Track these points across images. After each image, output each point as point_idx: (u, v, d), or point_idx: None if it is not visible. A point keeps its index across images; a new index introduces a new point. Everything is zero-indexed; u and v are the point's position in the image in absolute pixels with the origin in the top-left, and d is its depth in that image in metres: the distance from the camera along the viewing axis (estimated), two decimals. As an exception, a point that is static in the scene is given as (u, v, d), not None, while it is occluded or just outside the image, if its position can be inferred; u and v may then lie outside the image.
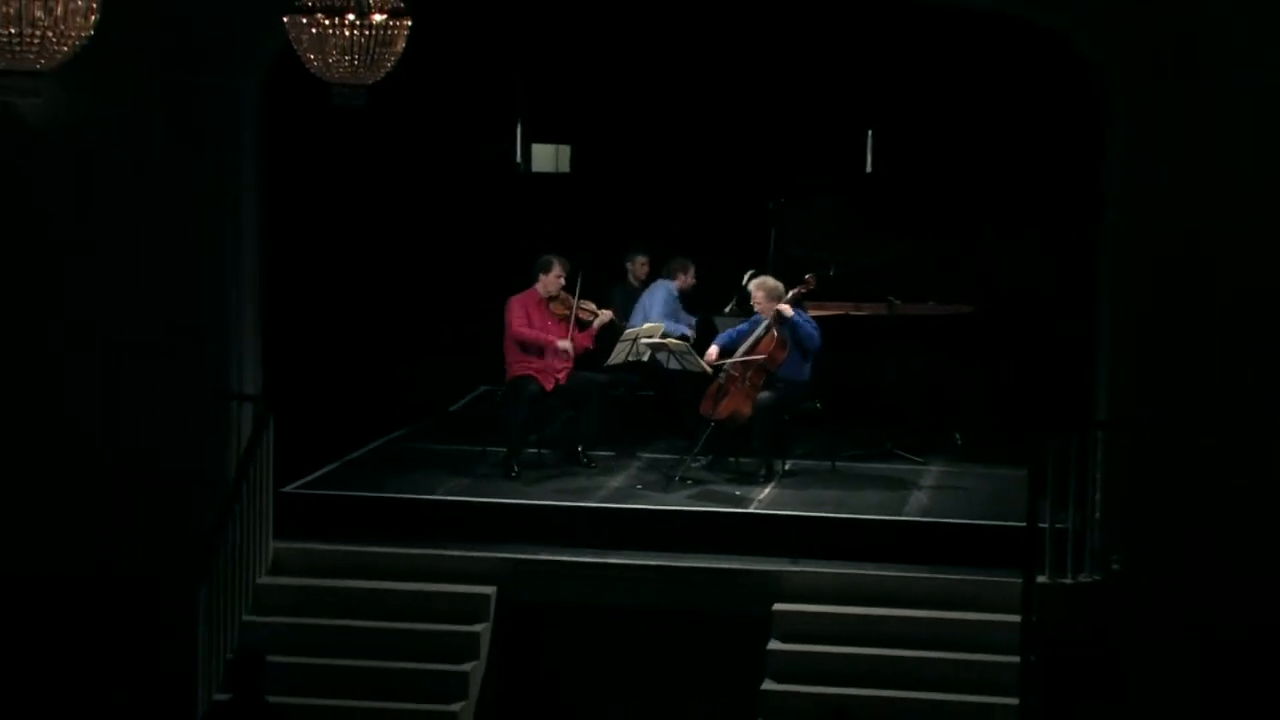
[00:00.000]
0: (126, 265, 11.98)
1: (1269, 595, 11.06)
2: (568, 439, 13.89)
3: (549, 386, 13.48)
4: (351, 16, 8.57)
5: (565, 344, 13.44)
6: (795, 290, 13.48)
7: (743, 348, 13.38)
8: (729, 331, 13.72)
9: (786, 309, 13.25)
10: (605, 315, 13.79)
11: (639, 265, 14.88)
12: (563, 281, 13.59)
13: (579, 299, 13.68)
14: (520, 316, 13.47)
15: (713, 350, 13.53)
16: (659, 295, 14.34)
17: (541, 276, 13.55)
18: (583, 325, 13.70)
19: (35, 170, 11.92)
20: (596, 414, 13.81)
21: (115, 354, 11.94)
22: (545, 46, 15.69)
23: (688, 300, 14.49)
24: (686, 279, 14.52)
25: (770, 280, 13.43)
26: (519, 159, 17.36)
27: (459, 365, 15.54)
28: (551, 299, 13.58)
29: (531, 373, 13.46)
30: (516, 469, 13.42)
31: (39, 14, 6.33)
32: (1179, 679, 11.08)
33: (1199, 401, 11.29)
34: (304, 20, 8.59)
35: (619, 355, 13.70)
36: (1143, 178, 11.49)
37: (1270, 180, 11.14)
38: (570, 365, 13.54)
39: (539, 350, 13.47)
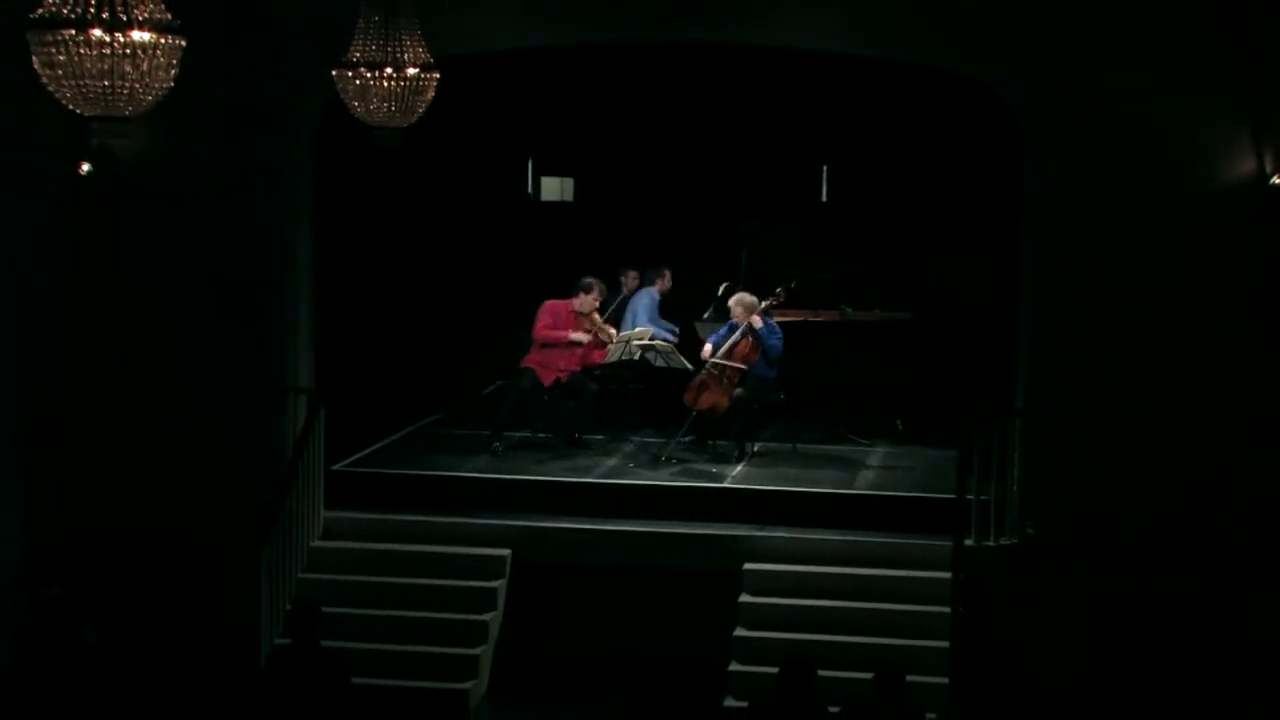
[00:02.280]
0: (204, 282, 12.00)
1: (1151, 555, 11.12)
2: (570, 425, 13.89)
3: (546, 382, 13.47)
4: (389, 70, 8.62)
5: (579, 335, 13.45)
6: (767, 302, 13.49)
7: (722, 350, 13.41)
8: (717, 334, 13.70)
9: (757, 321, 13.29)
10: (618, 347, 13.75)
11: (630, 278, 14.86)
12: (598, 303, 13.63)
13: (605, 320, 13.71)
14: (547, 321, 13.51)
15: (707, 348, 13.51)
16: (643, 302, 14.34)
17: (581, 295, 13.55)
18: (600, 344, 13.73)
19: (127, 199, 11.94)
20: (593, 405, 13.81)
21: (196, 356, 11.96)
22: (552, 96, 15.68)
23: (667, 302, 14.44)
24: (663, 283, 14.50)
25: (748, 296, 13.44)
26: (530, 189, 17.34)
27: (480, 363, 15.52)
28: (582, 314, 13.61)
29: (533, 365, 13.47)
30: (498, 445, 13.39)
31: (128, 69, 6.33)
32: (1080, 622, 11.13)
33: (1099, 395, 11.34)
34: (349, 74, 8.64)
35: (614, 354, 13.72)
36: (1052, 205, 11.50)
37: (1157, 209, 11.17)
38: (569, 368, 13.51)
39: (556, 346, 13.47)
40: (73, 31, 6.19)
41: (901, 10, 11.34)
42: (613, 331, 13.78)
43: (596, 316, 13.66)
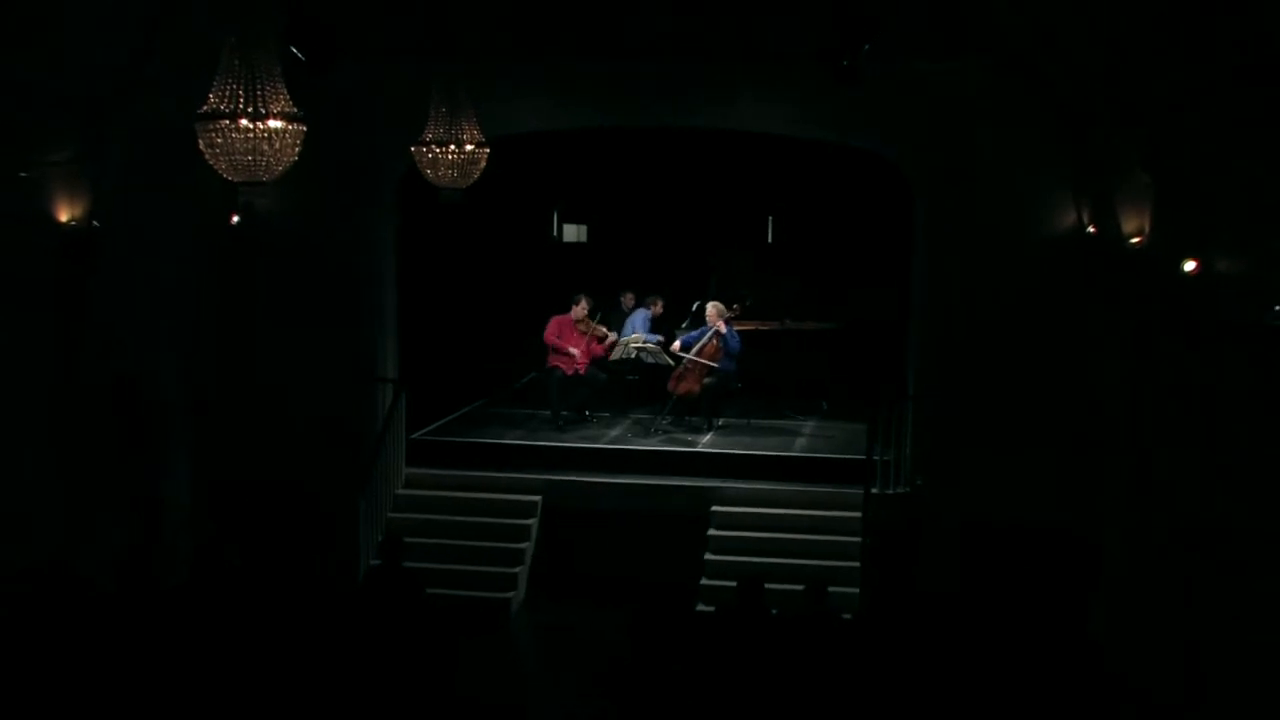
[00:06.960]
0: (318, 301, 12.02)
1: (1005, 500, 11.17)
2: (584, 405, 13.88)
3: (569, 372, 13.50)
4: (453, 146, 8.74)
5: (574, 350, 13.45)
6: (729, 314, 13.63)
7: (695, 348, 13.48)
8: (689, 335, 13.77)
9: (722, 327, 13.38)
10: (611, 337, 13.81)
11: (628, 298, 14.83)
12: (585, 311, 13.60)
13: (597, 323, 13.80)
14: (553, 331, 13.49)
15: (676, 344, 13.59)
16: (639, 318, 14.38)
17: (574, 307, 13.62)
18: (598, 340, 13.81)
19: (264, 240, 11.95)
20: (601, 391, 13.79)
21: (313, 355, 11.98)
22: (572, 164, 15.69)
23: (658, 324, 14.47)
24: (657, 308, 14.46)
25: (719, 304, 13.50)
26: (555, 233, 17.38)
27: (518, 360, 15.55)
28: (578, 321, 13.66)
29: (558, 364, 13.52)
30: (562, 423, 13.41)
31: (266, 147, 6.47)
32: (954, 550, 11.19)
33: (970, 384, 11.36)
34: (424, 149, 8.75)
35: (616, 353, 13.77)
36: (934, 245, 11.55)
37: (1008, 250, 11.19)
38: (583, 361, 13.50)
39: (561, 351, 13.55)
40: (227, 121, 6.36)
41: (830, 104, 11.31)
42: (603, 329, 13.72)
43: (588, 320, 13.69)
